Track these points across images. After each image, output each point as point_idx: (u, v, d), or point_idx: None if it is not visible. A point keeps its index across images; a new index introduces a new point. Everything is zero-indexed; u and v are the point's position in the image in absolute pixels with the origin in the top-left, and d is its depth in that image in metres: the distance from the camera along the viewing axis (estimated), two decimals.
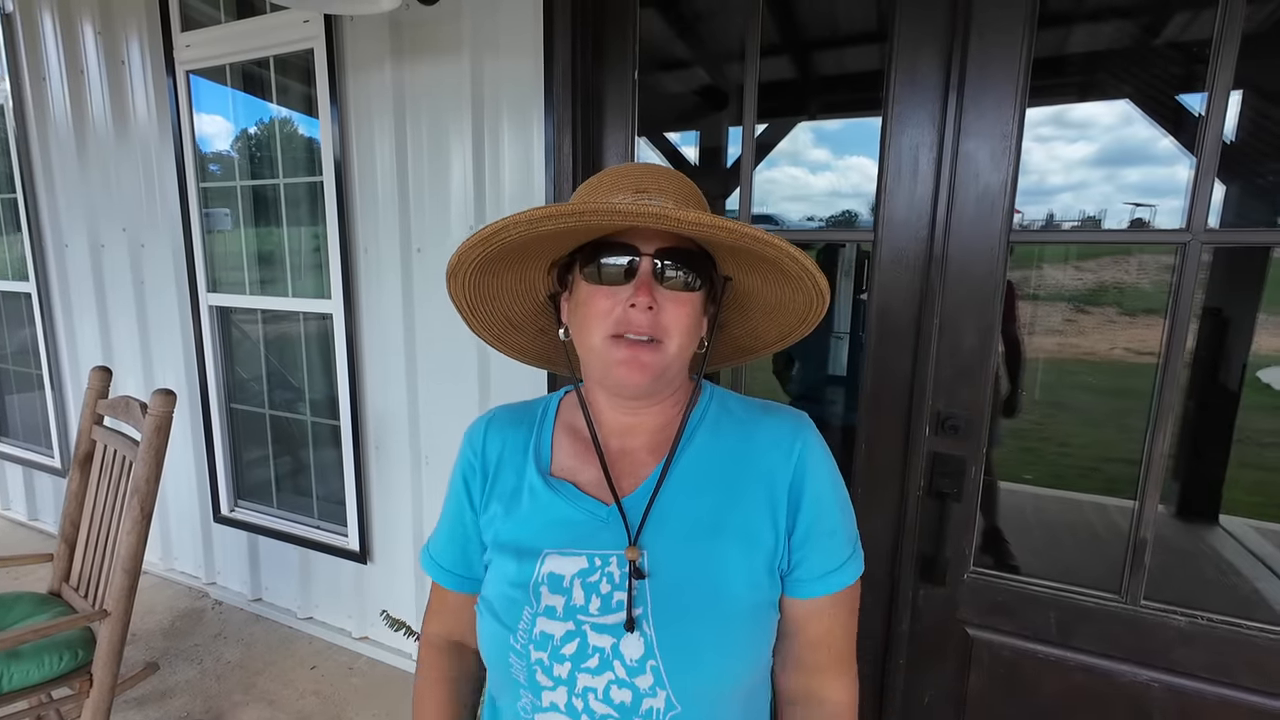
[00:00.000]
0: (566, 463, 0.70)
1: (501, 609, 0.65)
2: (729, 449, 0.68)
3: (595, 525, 0.65)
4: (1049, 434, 4.31)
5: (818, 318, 0.69)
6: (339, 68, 1.85)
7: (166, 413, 1.53)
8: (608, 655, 0.60)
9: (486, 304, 0.73)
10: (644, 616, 0.61)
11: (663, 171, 0.67)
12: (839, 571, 0.65)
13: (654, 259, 0.62)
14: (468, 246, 0.62)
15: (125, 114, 2.28)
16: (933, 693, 1.41)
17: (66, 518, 1.77)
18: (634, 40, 1.53)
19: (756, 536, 0.64)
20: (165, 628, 2.33)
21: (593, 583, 0.63)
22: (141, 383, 2.49)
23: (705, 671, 0.60)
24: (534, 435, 0.73)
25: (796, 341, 0.75)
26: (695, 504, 0.65)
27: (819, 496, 0.66)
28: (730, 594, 0.62)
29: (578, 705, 0.61)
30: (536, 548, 0.66)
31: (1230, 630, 1.16)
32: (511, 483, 0.70)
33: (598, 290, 0.63)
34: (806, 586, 0.65)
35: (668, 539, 0.64)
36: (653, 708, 0.60)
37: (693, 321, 0.64)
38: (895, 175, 1.30)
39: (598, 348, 0.63)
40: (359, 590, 2.18)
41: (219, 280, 2.27)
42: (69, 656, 1.50)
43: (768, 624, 0.65)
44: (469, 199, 1.75)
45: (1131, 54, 2.08)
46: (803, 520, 0.65)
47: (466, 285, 0.69)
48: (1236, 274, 2.25)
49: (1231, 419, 2.45)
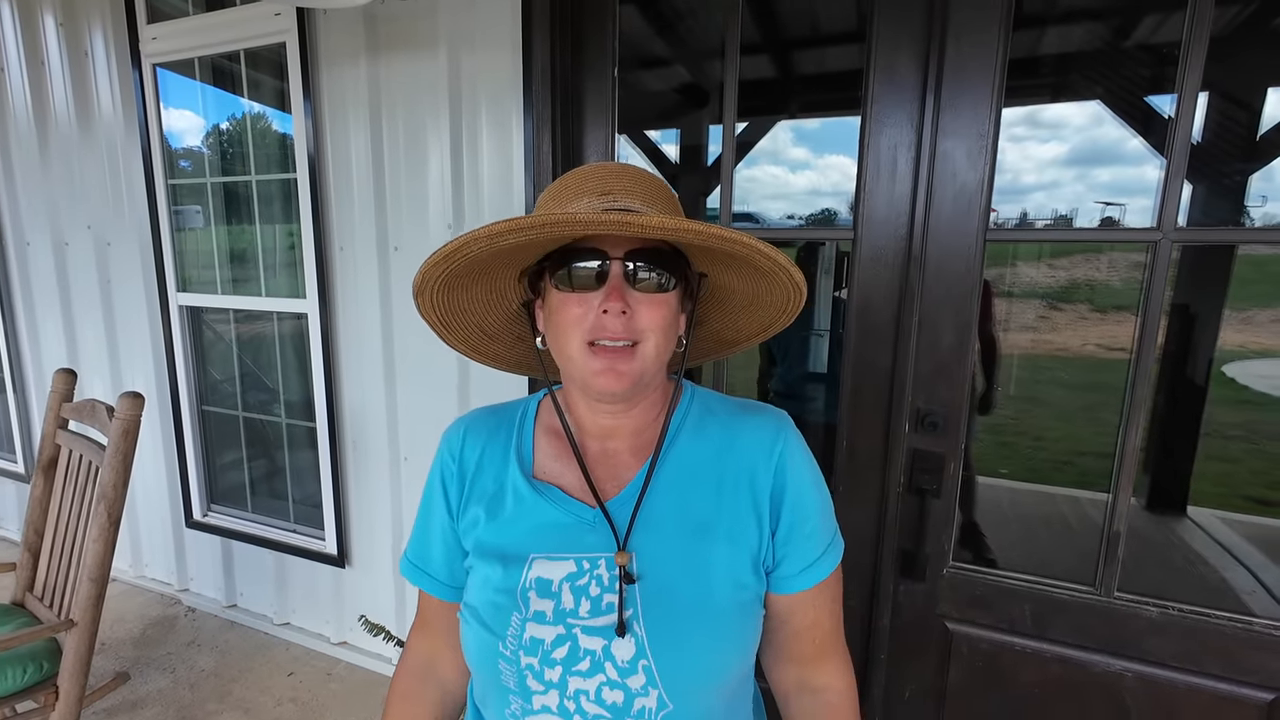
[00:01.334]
0: (550, 465, 0.69)
1: (488, 616, 0.64)
2: (713, 450, 0.68)
3: (582, 528, 0.65)
4: (1024, 429, 4.40)
5: (797, 309, 0.69)
6: (312, 62, 1.81)
7: (134, 416, 1.49)
8: (599, 658, 0.60)
9: (459, 317, 0.72)
10: (634, 617, 0.61)
11: (629, 171, 0.65)
12: (819, 562, 0.66)
13: (624, 262, 0.61)
14: (430, 264, 0.61)
15: (89, 108, 2.21)
16: (914, 687, 1.43)
17: (30, 525, 1.72)
18: (614, 36, 1.52)
19: (742, 535, 0.64)
20: (136, 636, 2.27)
21: (581, 586, 0.63)
22: (109, 385, 2.42)
23: (696, 669, 0.61)
24: (514, 438, 0.72)
25: (779, 331, 0.75)
26: (682, 504, 0.65)
27: (800, 497, 0.66)
28: (719, 592, 0.62)
29: (570, 707, 0.61)
30: (523, 553, 0.65)
31: (1199, 620, 1.19)
32: (492, 486, 0.69)
33: (569, 297, 0.62)
34: (790, 582, 0.66)
35: (656, 540, 0.64)
36: (645, 707, 0.60)
37: (668, 322, 0.64)
38: (874, 174, 1.31)
39: (575, 356, 0.62)
40: (337, 594, 2.15)
41: (190, 279, 2.21)
42: (33, 669, 1.45)
43: (754, 619, 0.65)
44: (447, 196, 1.73)
45: (1103, 55, 2.12)
46: (785, 520, 0.66)
47: (435, 301, 0.68)
48: (1203, 272, 2.31)
49: (1199, 413, 2.52)
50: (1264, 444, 4.21)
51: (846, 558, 0.70)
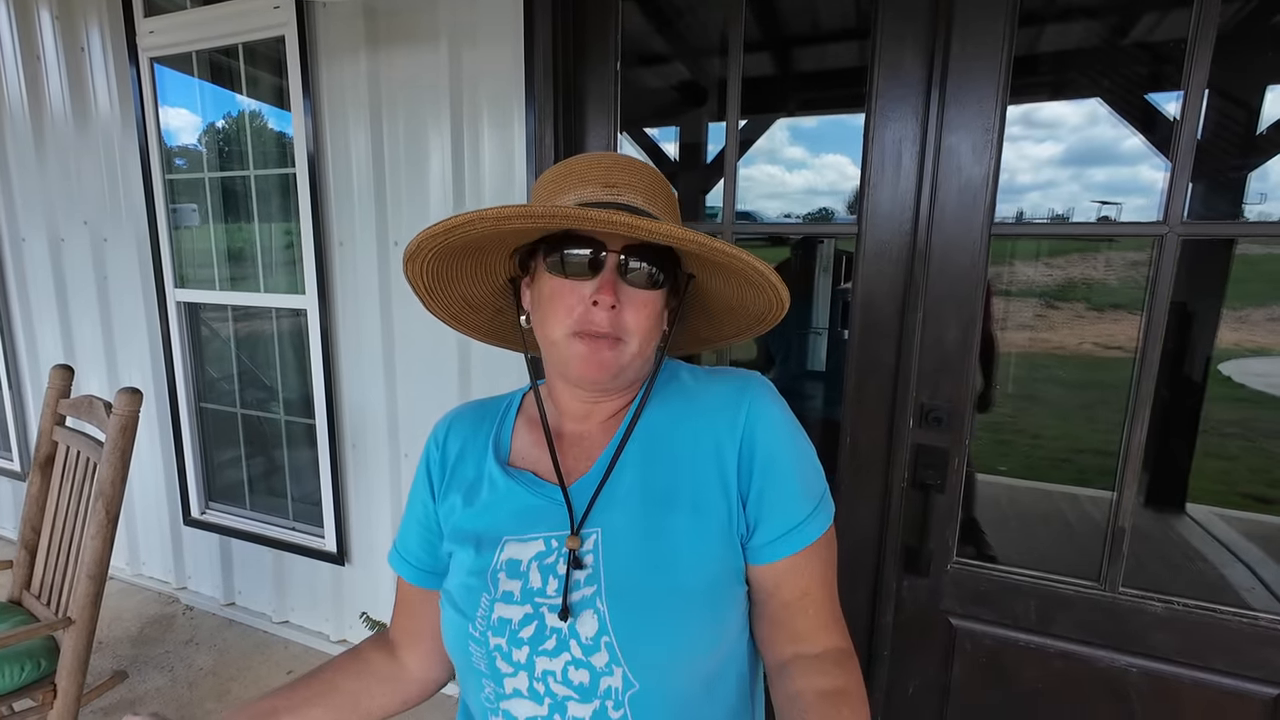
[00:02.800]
0: (529, 453, 0.71)
1: (460, 598, 0.65)
2: (674, 418, 0.67)
3: (552, 509, 0.65)
4: (1022, 426, 4.41)
5: (775, 319, 0.70)
6: (311, 56, 1.79)
7: (132, 412, 1.47)
8: (564, 636, 0.60)
9: (445, 286, 0.72)
10: (596, 594, 0.60)
11: (632, 164, 0.66)
12: (803, 526, 0.62)
13: (619, 255, 0.61)
14: (428, 235, 0.60)
15: (85, 103, 2.19)
16: (917, 683, 1.43)
17: (27, 523, 1.70)
18: (616, 31, 1.51)
19: (707, 506, 0.62)
20: (134, 635, 2.25)
21: (549, 564, 0.63)
22: (106, 382, 2.40)
23: (660, 645, 0.59)
24: (495, 429, 0.73)
25: (755, 336, 0.76)
26: (645, 477, 0.64)
27: (771, 456, 0.63)
28: (683, 566, 0.60)
29: (539, 689, 0.60)
30: (496, 536, 0.66)
31: (1205, 615, 1.19)
32: (471, 474, 0.71)
33: (561, 284, 0.62)
34: (769, 550, 0.62)
35: (619, 515, 0.63)
36: (610, 686, 0.59)
37: (654, 322, 0.64)
38: (879, 169, 1.30)
39: (559, 342, 0.63)
40: (337, 592, 2.14)
41: (187, 277, 2.20)
42: (31, 667, 1.44)
43: (727, 596, 0.62)
44: (448, 191, 1.72)
45: (1105, 53, 2.12)
46: (755, 483, 0.63)
47: (425, 269, 0.68)
48: (1201, 269, 2.32)
49: (1197, 410, 2.52)
50: (1261, 441, 4.23)
51: (850, 553, 0.69)
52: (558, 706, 0.60)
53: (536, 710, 0.61)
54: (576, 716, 0.60)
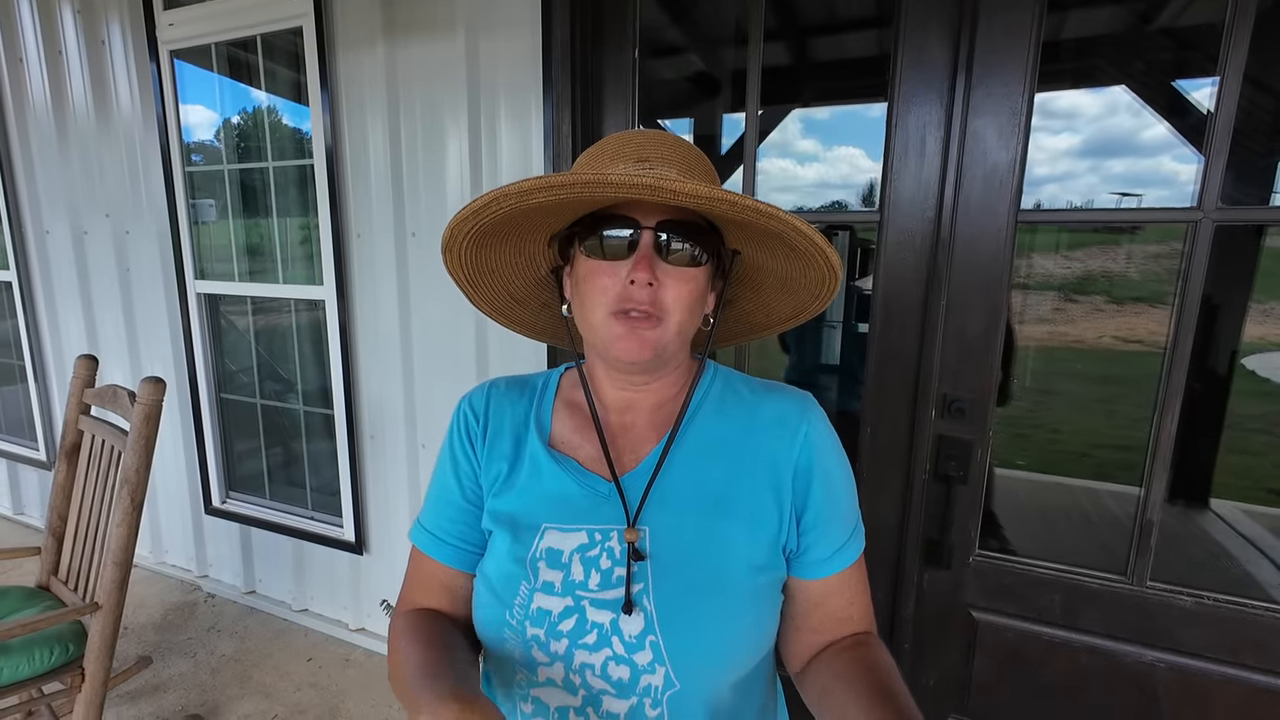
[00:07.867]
0: (567, 437, 0.69)
1: (498, 583, 0.64)
2: (733, 427, 0.67)
3: (596, 500, 0.64)
4: (1040, 420, 4.36)
5: (831, 294, 0.67)
6: (329, 46, 1.80)
7: (156, 401, 1.49)
8: (606, 631, 0.59)
9: (487, 278, 0.71)
10: (644, 592, 0.60)
11: (668, 139, 0.64)
12: (849, 544, 0.66)
13: (655, 232, 0.60)
14: (459, 220, 0.60)
15: (106, 96, 2.21)
16: (938, 676, 1.42)
17: (54, 510, 1.73)
18: (635, 18, 1.50)
19: (760, 516, 0.63)
20: (157, 621, 2.29)
21: (592, 558, 0.62)
22: (129, 372, 2.43)
23: (705, 647, 0.59)
24: (534, 406, 0.71)
25: (811, 317, 0.72)
26: (698, 481, 0.64)
27: (829, 480, 0.65)
28: (732, 571, 0.61)
29: (575, 681, 0.60)
30: (535, 522, 0.65)
31: (1235, 610, 1.17)
32: (510, 450, 0.68)
33: (598, 266, 0.61)
34: (822, 566, 0.64)
35: (670, 515, 0.63)
36: (651, 684, 0.59)
37: (695, 299, 0.62)
38: (902, 156, 1.28)
39: (598, 324, 0.62)
40: (355, 581, 2.16)
41: (206, 270, 2.22)
42: (59, 650, 1.46)
43: (769, 603, 0.64)
44: (465, 181, 1.71)
45: (1134, 38, 2.07)
46: (813, 504, 0.64)
47: (463, 259, 0.67)
48: (1228, 260, 2.27)
49: (1222, 404, 2.48)
50: None
51: (870, 546, 0.69)
52: (592, 700, 0.60)
53: (570, 701, 0.61)
54: (611, 711, 0.60)
